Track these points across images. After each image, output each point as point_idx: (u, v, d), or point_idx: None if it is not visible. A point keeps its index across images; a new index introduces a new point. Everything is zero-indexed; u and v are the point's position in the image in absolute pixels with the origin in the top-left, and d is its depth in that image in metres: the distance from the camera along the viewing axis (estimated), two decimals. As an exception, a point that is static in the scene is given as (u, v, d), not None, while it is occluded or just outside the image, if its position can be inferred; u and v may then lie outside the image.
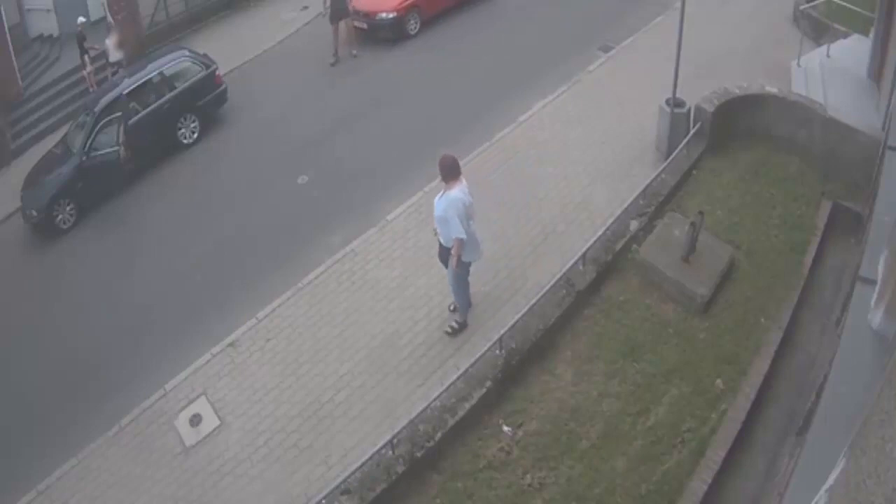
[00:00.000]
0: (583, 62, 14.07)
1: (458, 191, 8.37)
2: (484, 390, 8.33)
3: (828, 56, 12.82)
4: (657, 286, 9.57)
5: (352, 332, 9.55)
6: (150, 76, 13.73)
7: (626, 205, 10.36)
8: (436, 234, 8.93)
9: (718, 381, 8.64)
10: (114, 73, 15.24)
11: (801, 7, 14.15)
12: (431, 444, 7.92)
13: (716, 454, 7.99)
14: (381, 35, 15.89)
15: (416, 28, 16.05)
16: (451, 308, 9.48)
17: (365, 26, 15.85)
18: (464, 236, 8.37)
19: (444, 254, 8.92)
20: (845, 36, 13.39)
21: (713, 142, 11.39)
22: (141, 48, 16.30)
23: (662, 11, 14.79)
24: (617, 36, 14.70)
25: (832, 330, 8.81)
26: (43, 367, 10.18)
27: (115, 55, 15.46)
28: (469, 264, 8.90)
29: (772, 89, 11.50)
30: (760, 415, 8.58)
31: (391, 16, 15.73)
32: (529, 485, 7.77)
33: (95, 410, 9.31)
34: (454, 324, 9.28)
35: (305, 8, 17.58)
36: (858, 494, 2.98)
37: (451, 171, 8.43)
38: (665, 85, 11.21)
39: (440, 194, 8.59)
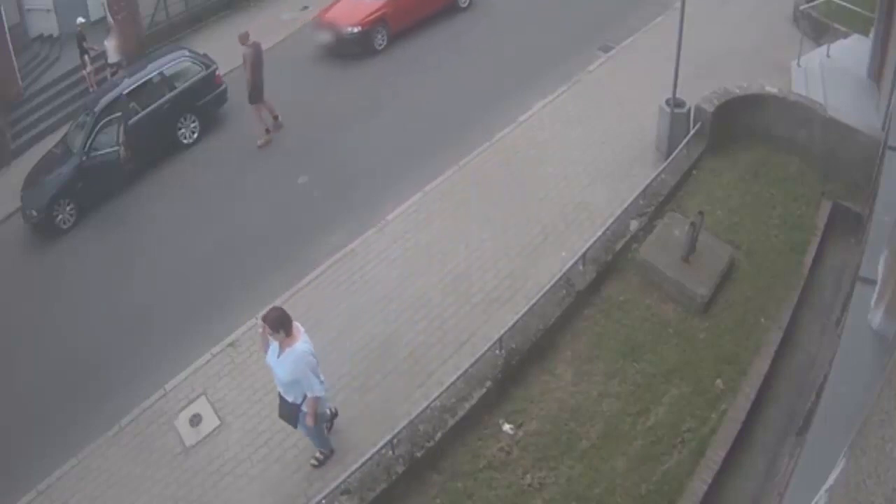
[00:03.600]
0: (583, 62, 14.07)
1: (301, 342, 7.12)
2: (484, 390, 8.33)
3: (828, 56, 12.82)
4: (657, 286, 9.57)
5: (351, 332, 9.55)
6: (150, 76, 13.74)
7: (626, 205, 10.36)
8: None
9: (718, 381, 8.64)
10: (114, 74, 15.25)
11: (801, 7, 14.15)
12: (431, 444, 7.92)
13: (716, 454, 7.99)
14: (346, 50, 15.52)
15: (383, 43, 15.66)
16: (316, 463, 8.14)
17: (333, 41, 15.51)
18: (323, 392, 7.27)
19: (288, 409, 7.56)
20: (845, 36, 13.39)
21: (713, 142, 11.39)
22: (141, 48, 16.31)
23: (662, 11, 14.79)
24: (617, 36, 14.70)
25: (832, 330, 8.81)
26: (43, 367, 10.18)
27: (114, 55, 15.48)
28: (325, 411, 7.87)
29: (772, 89, 11.50)
30: (760, 415, 8.59)
31: (356, 30, 15.36)
32: (529, 485, 7.77)
33: (95, 410, 9.30)
34: (318, 456, 8.15)
35: (305, 8, 17.60)
36: (858, 494, 2.98)
37: (283, 324, 7.06)
38: (665, 85, 11.21)
39: (276, 354, 7.19)
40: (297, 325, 7.20)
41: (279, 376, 7.30)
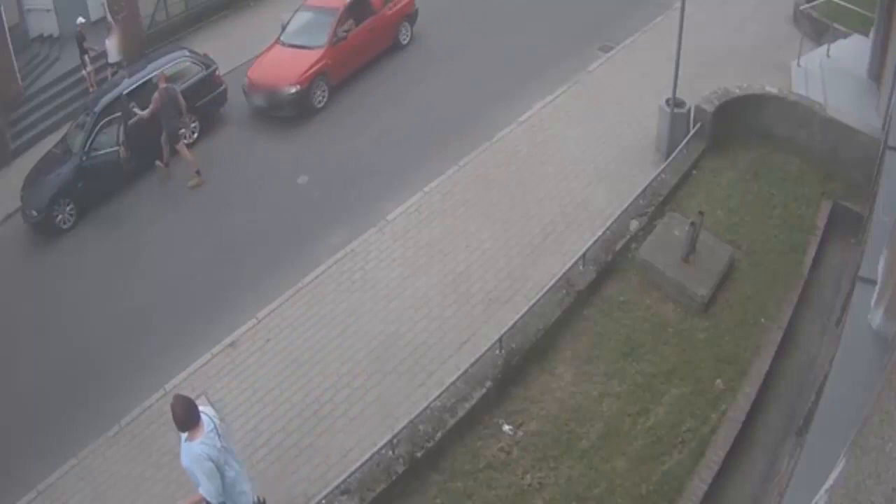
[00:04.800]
0: (583, 62, 14.08)
1: (199, 443, 6.25)
2: (484, 390, 8.34)
3: (828, 56, 12.84)
4: (657, 286, 9.58)
5: (352, 332, 9.55)
6: (150, 76, 13.72)
7: (626, 205, 10.37)
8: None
9: (718, 381, 8.64)
10: (114, 74, 15.24)
11: (801, 7, 14.16)
12: (431, 444, 7.93)
13: (716, 454, 8.00)
14: (282, 113, 13.88)
15: (323, 100, 14.00)
16: None
17: (265, 104, 13.94)
18: (213, 501, 6.43)
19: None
20: (845, 36, 13.41)
21: (713, 142, 11.40)
22: (141, 48, 16.30)
23: (662, 12, 14.79)
24: (617, 36, 14.70)
25: (832, 330, 8.82)
26: (43, 367, 10.17)
27: (114, 55, 15.47)
28: None
29: (772, 89, 11.52)
30: (760, 415, 8.60)
31: (293, 90, 13.61)
32: (529, 485, 7.77)
33: (95, 410, 9.30)
34: None
35: (305, 8, 17.55)
36: (858, 494, 2.98)
37: (186, 421, 6.30)
38: (665, 85, 11.22)
39: (183, 439, 6.45)
40: (205, 419, 6.35)
41: (182, 462, 6.59)
